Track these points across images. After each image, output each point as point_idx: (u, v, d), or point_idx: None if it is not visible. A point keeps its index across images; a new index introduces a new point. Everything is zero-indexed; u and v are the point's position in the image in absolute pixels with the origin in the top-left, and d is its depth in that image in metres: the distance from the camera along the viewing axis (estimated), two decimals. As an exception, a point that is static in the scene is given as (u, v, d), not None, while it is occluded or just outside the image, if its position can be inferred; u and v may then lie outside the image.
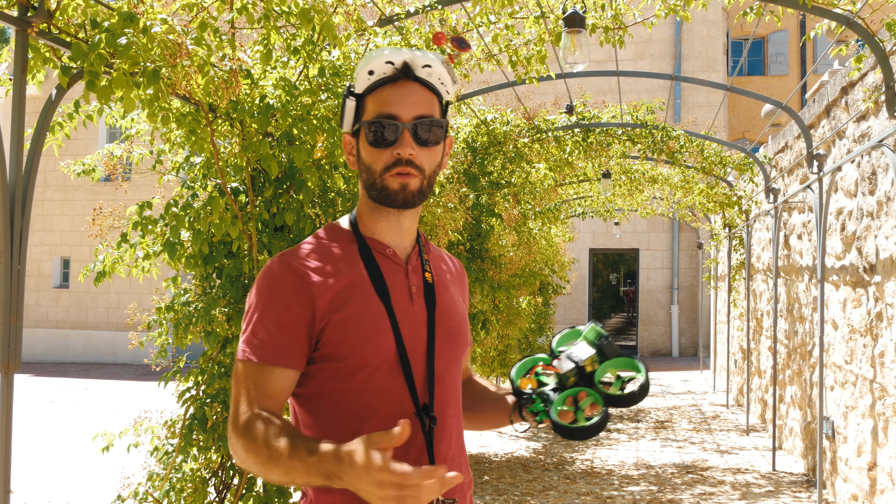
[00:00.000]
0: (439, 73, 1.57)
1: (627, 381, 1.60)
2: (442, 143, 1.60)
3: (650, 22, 4.80)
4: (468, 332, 1.71)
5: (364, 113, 1.56)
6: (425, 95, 1.56)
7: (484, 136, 6.66)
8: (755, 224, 9.81)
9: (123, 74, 2.42)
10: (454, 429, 1.61)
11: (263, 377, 1.48)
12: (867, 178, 5.28)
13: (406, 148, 1.51)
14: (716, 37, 18.11)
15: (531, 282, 9.70)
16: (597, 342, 1.59)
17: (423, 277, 1.62)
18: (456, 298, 1.69)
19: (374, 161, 1.54)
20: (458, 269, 1.80)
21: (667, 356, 18.13)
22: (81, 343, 18.40)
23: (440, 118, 1.58)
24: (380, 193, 1.55)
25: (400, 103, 1.53)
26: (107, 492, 6.32)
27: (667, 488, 6.55)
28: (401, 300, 1.56)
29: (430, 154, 1.56)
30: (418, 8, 4.08)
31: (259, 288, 1.54)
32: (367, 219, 1.62)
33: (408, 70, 1.54)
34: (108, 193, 17.25)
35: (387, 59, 1.53)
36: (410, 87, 1.55)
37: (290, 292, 1.50)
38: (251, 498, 3.65)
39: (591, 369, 1.59)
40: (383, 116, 1.53)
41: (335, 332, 1.49)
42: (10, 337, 2.42)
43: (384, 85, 1.55)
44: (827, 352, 6.21)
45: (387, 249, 1.60)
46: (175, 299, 3.60)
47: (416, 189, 1.54)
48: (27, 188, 2.48)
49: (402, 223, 1.61)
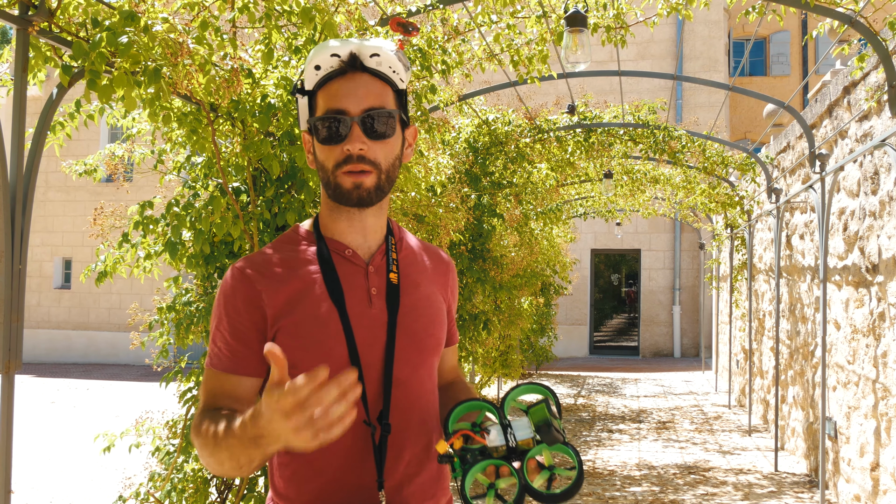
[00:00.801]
0: (389, 60, 1.50)
1: (558, 477, 1.42)
2: (398, 133, 1.54)
3: (652, 21, 4.79)
4: (441, 332, 1.63)
5: (316, 110, 1.51)
6: (376, 86, 1.50)
7: (485, 137, 6.65)
8: (757, 224, 9.79)
9: (124, 73, 2.42)
10: (423, 433, 1.55)
11: (223, 385, 1.47)
12: (870, 178, 5.27)
13: (356, 143, 1.46)
14: (717, 37, 18.10)
15: (533, 282, 9.70)
16: (539, 425, 1.38)
17: (388, 278, 1.56)
18: (430, 297, 1.62)
19: (326, 158, 1.50)
20: (441, 265, 1.71)
21: (668, 357, 18.11)
22: (83, 344, 18.41)
23: (393, 108, 1.52)
24: (335, 192, 1.50)
25: (348, 97, 1.47)
26: (108, 492, 6.32)
27: (669, 489, 6.54)
28: (357, 303, 1.51)
29: (384, 147, 1.50)
30: (420, 7, 4.08)
31: (217, 297, 1.53)
32: (327, 219, 1.57)
33: (354, 61, 1.48)
34: (109, 194, 17.25)
35: (332, 51, 1.48)
36: (360, 78, 1.49)
37: (240, 300, 1.48)
38: (252, 498, 3.64)
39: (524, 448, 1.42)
40: (332, 112, 1.47)
41: (286, 338, 1.46)
42: (11, 337, 2.41)
43: (332, 79, 1.49)
44: (829, 352, 6.20)
45: (346, 251, 1.55)
46: (176, 299, 3.60)
47: (371, 186, 1.48)
48: (28, 187, 2.47)
49: (365, 222, 1.56)
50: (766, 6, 4.48)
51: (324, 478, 1.47)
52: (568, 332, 18.26)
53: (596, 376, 14.94)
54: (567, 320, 18.49)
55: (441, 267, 1.71)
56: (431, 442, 1.57)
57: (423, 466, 1.54)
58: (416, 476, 1.52)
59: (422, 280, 1.63)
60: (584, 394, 12.44)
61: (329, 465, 1.47)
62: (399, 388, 1.52)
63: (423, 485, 1.54)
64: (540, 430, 1.38)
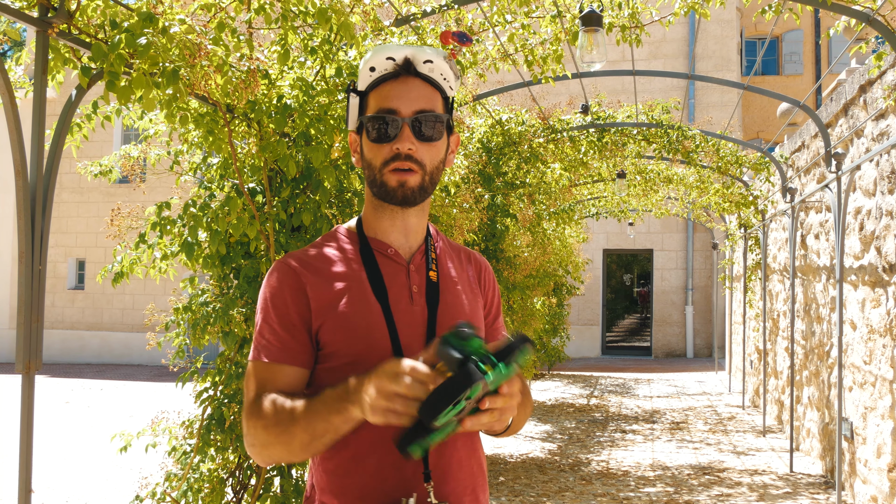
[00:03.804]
0: (441, 68, 1.57)
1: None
2: (444, 138, 1.59)
3: (667, 20, 4.78)
4: (479, 325, 1.67)
5: (366, 110, 1.57)
6: (426, 91, 1.56)
7: (499, 137, 6.65)
8: (771, 224, 9.74)
9: (143, 75, 2.42)
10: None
11: (274, 375, 1.51)
12: (886, 177, 5.23)
13: (405, 143, 1.51)
14: (730, 36, 18.02)
15: (545, 282, 9.69)
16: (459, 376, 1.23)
17: (427, 276, 1.61)
18: (467, 295, 1.67)
19: (374, 157, 1.55)
20: (475, 265, 1.76)
21: (681, 357, 18.04)
22: (97, 344, 18.51)
23: (442, 113, 1.57)
24: (380, 189, 1.55)
25: (400, 98, 1.53)
26: (124, 492, 6.35)
27: (683, 489, 6.52)
28: (400, 300, 1.56)
29: (431, 149, 1.55)
30: (434, 7, 4.08)
31: (263, 289, 1.57)
32: (371, 218, 1.63)
33: (409, 66, 1.55)
34: (123, 195, 17.34)
35: (388, 55, 1.54)
36: (412, 82, 1.55)
37: (287, 292, 1.53)
38: (268, 498, 3.65)
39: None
40: (384, 111, 1.53)
41: (331, 332, 1.51)
42: (32, 337, 2.42)
43: (386, 81, 1.55)
44: (845, 352, 6.16)
45: (388, 249, 1.60)
46: (192, 300, 3.60)
47: (415, 185, 1.54)
48: (48, 189, 2.49)
49: (408, 221, 1.61)
50: (783, 4, 4.45)
51: (368, 470, 1.49)
52: (580, 333, 18.22)
53: (608, 377, 14.90)
54: (579, 320, 18.45)
55: (476, 267, 1.77)
56: (475, 438, 1.63)
57: (462, 462, 1.58)
58: (458, 471, 1.56)
59: (459, 279, 1.68)
60: (596, 394, 12.41)
61: (373, 457, 1.50)
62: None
63: (464, 480, 1.57)
64: (462, 377, 1.22)
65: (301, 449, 1.42)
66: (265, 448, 1.45)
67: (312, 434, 1.39)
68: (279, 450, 1.44)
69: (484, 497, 1.63)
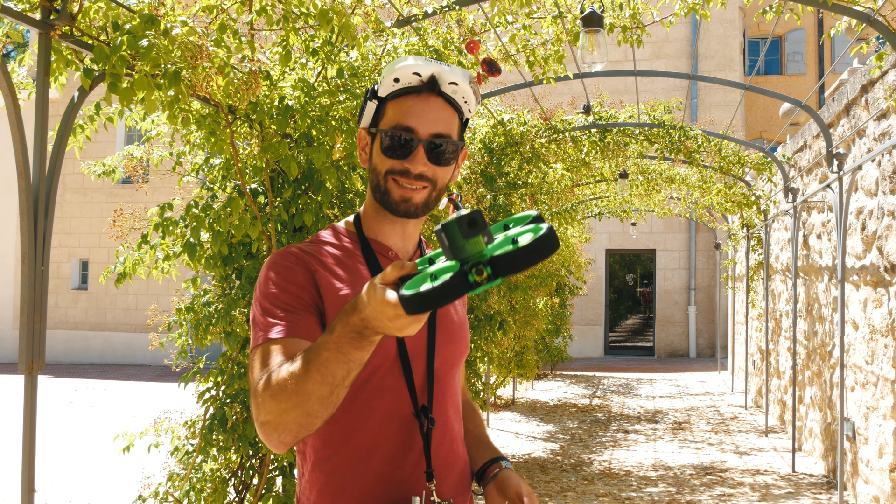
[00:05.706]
0: (464, 91, 1.56)
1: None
2: (455, 160, 1.60)
3: (668, 21, 4.78)
4: (468, 334, 1.71)
5: (383, 117, 1.55)
6: (446, 112, 1.55)
7: (501, 137, 6.65)
8: (773, 224, 9.74)
9: (145, 76, 2.44)
10: (455, 431, 1.62)
11: (287, 347, 1.40)
12: (888, 177, 5.23)
13: (418, 164, 1.51)
14: (732, 36, 18.01)
15: (548, 282, 9.70)
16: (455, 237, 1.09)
17: None
18: (455, 302, 1.68)
19: (381, 164, 1.55)
20: None
21: (684, 357, 18.03)
22: (100, 344, 18.53)
23: (457, 139, 1.57)
24: (382, 197, 1.55)
25: (420, 117, 1.52)
26: (127, 492, 6.36)
27: (685, 489, 6.52)
28: None
29: (442, 170, 1.56)
30: (436, 8, 4.09)
31: (268, 277, 1.49)
32: (371, 220, 1.62)
33: (433, 84, 1.53)
34: (126, 195, 17.36)
35: (414, 69, 1.52)
36: (433, 101, 1.53)
37: (300, 275, 1.49)
38: (270, 498, 3.66)
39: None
40: (401, 128, 1.52)
41: None
42: (34, 338, 2.44)
43: (408, 94, 1.54)
44: (847, 352, 6.16)
45: (389, 252, 1.61)
46: (195, 300, 3.62)
47: (420, 202, 1.55)
48: (50, 190, 2.50)
49: (406, 228, 1.63)
50: (784, 5, 4.46)
51: (367, 470, 1.49)
52: (583, 333, 18.23)
53: (611, 377, 14.90)
54: (582, 320, 18.45)
55: None
56: (460, 440, 1.65)
57: (455, 463, 1.60)
58: (451, 471, 1.57)
59: None
60: (599, 394, 12.41)
61: (373, 457, 1.49)
62: (438, 383, 1.57)
63: (456, 480, 1.59)
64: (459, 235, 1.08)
65: (320, 404, 1.27)
66: (281, 416, 1.30)
67: (333, 379, 1.25)
68: (294, 415, 1.29)
69: (471, 496, 1.67)
